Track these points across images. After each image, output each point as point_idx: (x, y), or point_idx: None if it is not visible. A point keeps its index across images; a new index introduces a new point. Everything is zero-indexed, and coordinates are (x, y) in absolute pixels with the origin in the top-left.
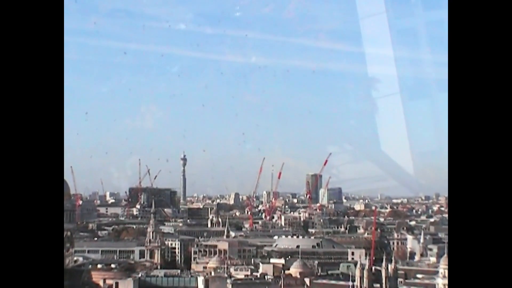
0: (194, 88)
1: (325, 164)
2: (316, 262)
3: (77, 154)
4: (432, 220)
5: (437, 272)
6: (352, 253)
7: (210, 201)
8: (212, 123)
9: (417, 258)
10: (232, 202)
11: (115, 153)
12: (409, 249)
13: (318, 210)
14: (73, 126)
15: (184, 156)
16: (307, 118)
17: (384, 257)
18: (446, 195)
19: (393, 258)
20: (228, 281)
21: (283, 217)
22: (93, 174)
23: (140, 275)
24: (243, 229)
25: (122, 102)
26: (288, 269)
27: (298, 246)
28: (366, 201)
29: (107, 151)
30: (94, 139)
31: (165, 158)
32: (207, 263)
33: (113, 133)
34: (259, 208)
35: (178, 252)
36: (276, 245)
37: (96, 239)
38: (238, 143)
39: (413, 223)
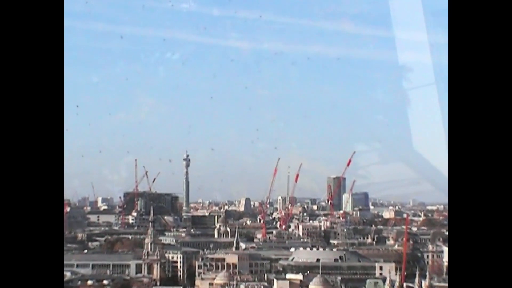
0: (201, 78)
1: (348, 164)
2: (339, 278)
3: (65, 153)
4: None
5: None
6: (381, 268)
7: (217, 208)
8: (221, 118)
9: None
10: (242, 209)
11: (109, 152)
12: (445, 263)
13: (341, 218)
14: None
15: (187, 156)
16: (329, 113)
17: (417, 273)
18: None
19: (427, 274)
20: None
21: (301, 226)
22: (83, 176)
23: None
24: (255, 240)
25: (117, 93)
26: (307, 286)
27: (318, 260)
28: (397, 208)
29: (101, 150)
30: (85, 136)
31: (167, 158)
32: (214, 279)
33: (107, 129)
34: (273, 216)
35: (180, 267)
36: (293, 258)
37: (86, 251)
38: (251, 141)
39: None
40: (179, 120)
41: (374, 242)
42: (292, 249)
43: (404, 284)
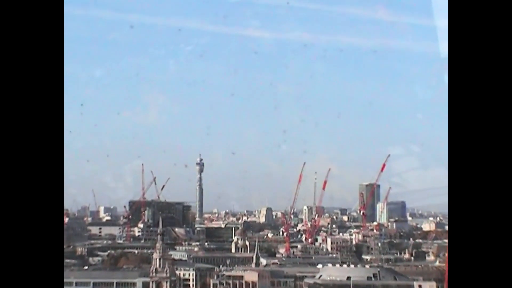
0: (220, 73)
1: (382, 169)
2: None
3: (65, 157)
4: None
5: None
6: (420, 287)
7: (234, 219)
8: (243, 118)
9: None
10: (263, 220)
11: (114, 155)
12: None
13: (374, 231)
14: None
15: (201, 160)
16: (363, 111)
17: None
18: None
19: None
20: None
21: (329, 240)
22: (83, 182)
23: None
24: (277, 256)
25: (125, 90)
26: None
27: (349, 278)
28: (438, 219)
29: (108, 153)
30: (88, 138)
31: (182, 162)
32: None
33: (113, 130)
34: (298, 228)
35: (193, 285)
36: (321, 276)
37: (86, 267)
38: (277, 144)
39: None
40: (196, 120)
41: (412, 258)
42: (319, 266)
43: None
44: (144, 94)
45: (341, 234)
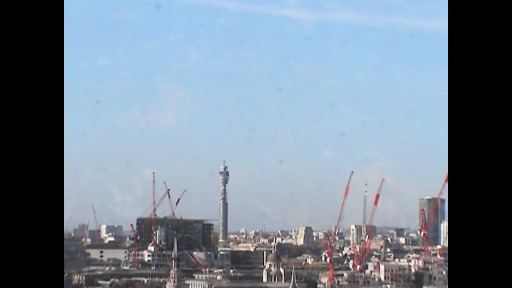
0: (263, 62)
1: (446, 180)
2: None
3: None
4: None
5: None
6: None
7: (266, 241)
8: (292, 117)
9: None
10: (301, 242)
11: (122, 162)
12: None
13: (438, 256)
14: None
15: (225, 168)
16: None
17: None
18: None
19: None
20: None
21: (382, 267)
22: (81, 195)
23: None
24: (319, 286)
25: (145, 83)
26: None
27: None
28: None
29: (111, 160)
30: (88, 141)
31: (204, 171)
32: None
33: (120, 131)
34: (344, 252)
35: None
36: None
37: None
38: (334, 150)
39: None
40: (235, 120)
41: None
42: None
43: None
44: (167, 88)
45: (397, 260)
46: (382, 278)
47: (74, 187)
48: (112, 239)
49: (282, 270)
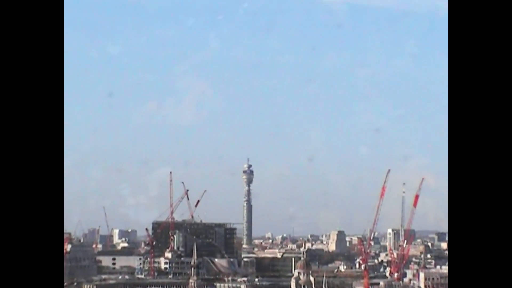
0: (291, 51)
1: None
2: None
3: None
4: None
5: None
6: None
7: (294, 246)
8: (322, 111)
9: None
10: (333, 247)
11: (136, 160)
12: None
13: None
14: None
15: (249, 167)
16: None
17: None
18: None
19: None
20: None
21: (422, 275)
22: (91, 197)
23: None
24: None
25: (160, 74)
26: None
27: None
28: None
29: (124, 158)
30: (98, 138)
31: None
32: None
33: (134, 127)
34: (379, 259)
35: None
36: None
37: None
38: (368, 146)
39: None
40: (259, 114)
41: None
42: None
43: None
44: (177, 79)
45: (438, 267)
46: (422, 286)
47: (83, 188)
48: (125, 245)
49: (312, 279)
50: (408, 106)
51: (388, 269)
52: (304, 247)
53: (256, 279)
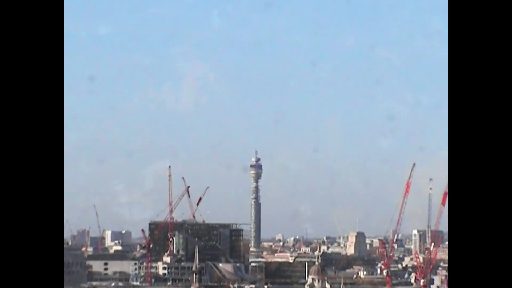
0: (296, 30)
1: None
2: None
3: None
4: None
5: None
6: None
7: (308, 249)
8: (328, 97)
9: None
10: (351, 251)
11: (131, 152)
12: None
13: None
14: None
15: (258, 160)
16: None
17: None
18: None
19: None
20: None
21: None
22: (81, 193)
23: None
24: None
25: (156, 56)
26: None
27: None
28: None
29: (117, 150)
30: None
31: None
32: None
33: (128, 115)
34: (404, 264)
35: None
36: None
37: None
38: (383, 134)
39: None
40: (262, 101)
41: None
42: None
43: None
44: (175, 61)
45: None
46: None
47: (70, 184)
48: (118, 248)
49: (328, 286)
50: (432, 91)
51: (413, 275)
52: (319, 251)
53: (266, 287)
